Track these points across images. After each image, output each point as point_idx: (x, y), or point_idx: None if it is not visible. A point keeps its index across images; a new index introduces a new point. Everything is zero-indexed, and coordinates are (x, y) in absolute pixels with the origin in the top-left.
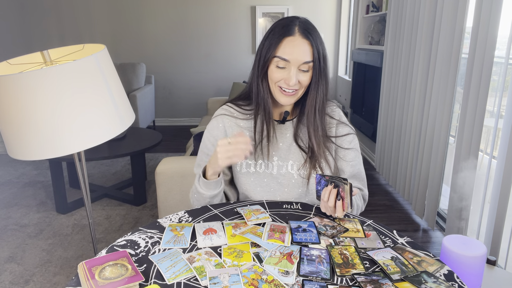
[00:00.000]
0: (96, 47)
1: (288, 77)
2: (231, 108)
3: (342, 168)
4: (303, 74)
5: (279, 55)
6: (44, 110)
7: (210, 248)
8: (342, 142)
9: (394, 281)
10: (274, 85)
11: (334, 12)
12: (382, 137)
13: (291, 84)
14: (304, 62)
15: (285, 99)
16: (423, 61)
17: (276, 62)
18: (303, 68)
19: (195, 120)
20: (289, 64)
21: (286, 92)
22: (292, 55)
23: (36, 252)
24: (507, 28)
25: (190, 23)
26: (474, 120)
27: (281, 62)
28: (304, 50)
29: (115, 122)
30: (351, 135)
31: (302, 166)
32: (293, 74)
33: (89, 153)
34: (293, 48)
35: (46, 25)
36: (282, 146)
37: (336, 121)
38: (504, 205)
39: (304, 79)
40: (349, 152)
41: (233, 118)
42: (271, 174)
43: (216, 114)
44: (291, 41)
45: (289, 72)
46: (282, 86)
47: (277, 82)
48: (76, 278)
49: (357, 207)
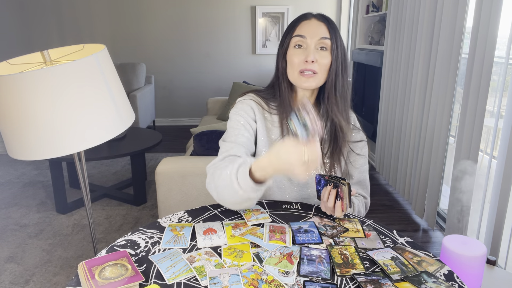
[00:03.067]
0: (96, 47)
1: (306, 53)
2: (258, 97)
3: (350, 173)
4: (321, 53)
5: (296, 33)
6: (44, 110)
7: (210, 248)
8: (354, 147)
9: (394, 281)
10: (295, 72)
11: (334, 12)
12: (382, 137)
13: (309, 59)
14: (321, 37)
15: (306, 82)
16: (423, 61)
17: (294, 42)
18: (321, 45)
19: (195, 120)
20: (306, 41)
21: (306, 74)
22: (309, 32)
23: (36, 252)
24: (507, 28)
25: (190, 23)
26: (474, 120)
27: (299, 40)
28: (321, 28)
29: (115, 122)
30: (363, 142)
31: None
32: (310, 50)
33: (89, 153)
34: (310, 27)
35: (46, 25)
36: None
37: (351, 125)
38: (504, 205)
39: (323, 60)
40: (359, 158)
41: (261, 108)
42: None
43: (244, 98)
44: (307, 22)
45: (307, 48)
46: (302, 68)
47: (298, 66)
48: (76, 278)
49: (358, 212)
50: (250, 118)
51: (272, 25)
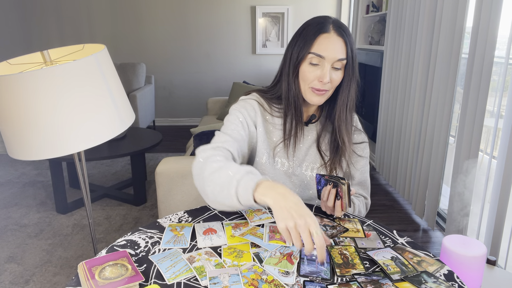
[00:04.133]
0: (96, 47)
1: (322, 74)
2: (262, 99)
3: (352, 174)
4: (335, 72)
5: (314, 51)
6: (44, 110)
7: (210, 248)
8: (355, 148)
9: (394, 281)
10: (306, 86)
11: (334, 12)
12: (382, 137)
13: (325, 81)
14: (338, 59)
15: (317, 98)
16: (423, 61)
17: (310, 58)
18: (336, 66)
19: (195, 120)
20: (323, 61)
21: (318, 91)
22: (327, 51)
23: (36, 252)
24: (507, 28)
25: (190, 23)
26: (474, 120)
27: (315, 58)
28: (339, 47)
29: (115, 122)
30: (364, 143)
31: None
32: (326, 71)
33: (89, 153)
34: (328, 45)
35: (46, 25)
36: (301, 147)
37: (353, 127)
38: (504, 205)
39: (336, 78)
40: (360, 159)
41: (263, 110)
42: (286, 172)
43: (248, 97)
44: (327, 37)
45: (323, 69)
46: (315, 86)
47: (311, 83)
48: (76, 278)
49: (358, 212)
50: (250, 119)
51: (272, 25)
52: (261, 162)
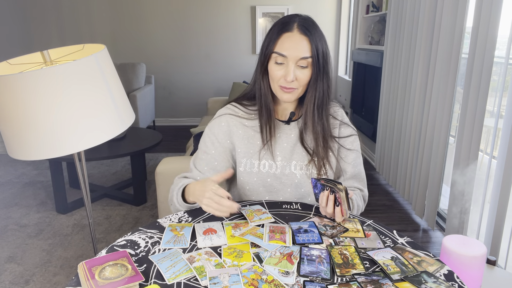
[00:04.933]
0: (96, 47)
1: (286, 72)
2: (236, 107)
3: (344, 168)
4: (301, 70)
5: (277, 51)
6: (44, 110)
7: (210, 248)
8: (344, 142)
9: (394, 281)
10: (275, 84)
11: (334, 12)
12: (382, 137)
13: (288, 80)
14: (301, 57)
15: (286, 96)
16: (423, 61)
17: (275, 58)
18: (301, 64)
19: (195, 120)
20: (287, 60)
21: (285, 89)
22: (289, 50)
23: (36, 252)
24: (507, 28)
25: (190, 23)
26: (474, 120)
27: (279, 57)
28: (302, 46)
29: (115, 122)
30: (353, 136)
31: (305, 166)
32: (290, 70)
33: (89, 153)
34: (291, 44)
35: (46, 25)
36: (286, 146)
37: (339, 121)
38: (504, 205)
39: (302, 76)
40: (351, 153)
41: (238, 118)
42: (274, 174)
43: (220, 113)
44: (289, 36)
45: (287, 67)
46: (281, 84)
47: (278, 81)
48: (76, 278)
49: (357, 207)
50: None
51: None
52: (240, 171)
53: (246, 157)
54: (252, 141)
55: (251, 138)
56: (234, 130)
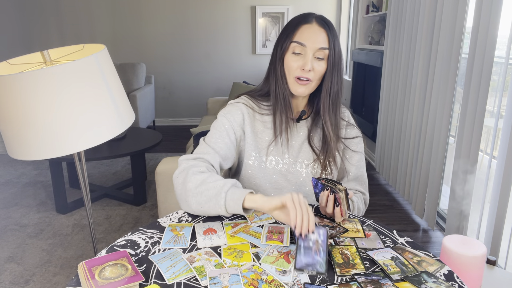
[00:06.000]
0: (96, 47)
1: (304, 62)
2: (250, 100)
3: (347, 169)
4: (318, 62)
5: (296, 40)
6: (44, 110)
7: (210, 248)
8: (349, 143)
9: (394, 281)
10: (291, 76)
11: (334, 12)
12: (382, 137)
13: (306, 68)
14: (320, 47)
15: (301, 89)
16: (423, 61)
17: (293, 48)
18: (318, 56)
19: (195, 120)
20: (305, 49)
21: (301, 81)
22: (308, 40)
23: (36, 252)
24: (507, 28)
25: (190, 23)
26: (474, 120)
27: (298, 47)
28: (321, 37)
29: (115, 122)
30: (358, 138)
31: (310, 164)
32: (308, 59)
33: (89, 153)
34: (310, 34)
35: (46, 25)
36: (294, 144)
37: (345, 122)
38: (504, 205)
39: (319, 68)
40: (355, 154)
41: (252, 111)
42: (280, 171)
43: (236, 101)
44: (308, 27)
45: (305, 57)
46: (298, 75)
47: (294, 72)
48: (76, 278)
49: (358, 210)
50: (236, 124)
51: (272, 25)
52: (249, 164)
53: (255, 151)
54: (261, 136)
55: (260, 133)
56: (248, 121)
